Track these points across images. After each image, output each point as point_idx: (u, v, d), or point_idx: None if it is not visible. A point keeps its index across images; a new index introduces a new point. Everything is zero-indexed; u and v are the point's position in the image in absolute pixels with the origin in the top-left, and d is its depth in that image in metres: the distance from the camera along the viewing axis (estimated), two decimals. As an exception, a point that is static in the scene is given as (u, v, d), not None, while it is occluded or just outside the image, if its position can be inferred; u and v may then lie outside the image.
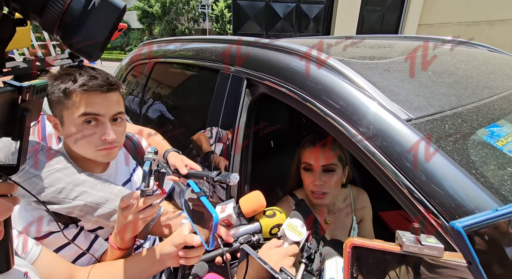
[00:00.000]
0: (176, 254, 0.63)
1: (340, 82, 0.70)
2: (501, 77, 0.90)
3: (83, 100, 0.68)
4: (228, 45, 1.14)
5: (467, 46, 1.36)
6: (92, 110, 0.69)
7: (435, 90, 0.72)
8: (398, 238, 0.34)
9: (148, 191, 0.62)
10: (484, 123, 0.63)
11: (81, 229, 0.74)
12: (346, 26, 5.69)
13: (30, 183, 0.66)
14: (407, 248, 0.32)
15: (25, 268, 0.51)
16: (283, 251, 0.69)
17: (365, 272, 0.34)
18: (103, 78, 0.70)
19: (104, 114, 0.70)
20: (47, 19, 0.35)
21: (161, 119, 1.62)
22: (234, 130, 0.99)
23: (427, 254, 0.32)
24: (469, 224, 0.27)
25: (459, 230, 0.27)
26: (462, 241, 0.27)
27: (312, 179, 0.95)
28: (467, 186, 0.48)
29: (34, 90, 0.37)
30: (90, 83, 0.67)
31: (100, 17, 0.36)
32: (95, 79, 0.68)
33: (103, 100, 0.70)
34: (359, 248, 0.34)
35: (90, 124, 0.69)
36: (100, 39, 0.37)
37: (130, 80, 2.04)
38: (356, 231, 1.08)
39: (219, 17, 22.98)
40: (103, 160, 0.75)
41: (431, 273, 0.35)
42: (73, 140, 0.70)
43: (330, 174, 0.94)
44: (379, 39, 1.61)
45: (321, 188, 0.93)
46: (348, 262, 0.34)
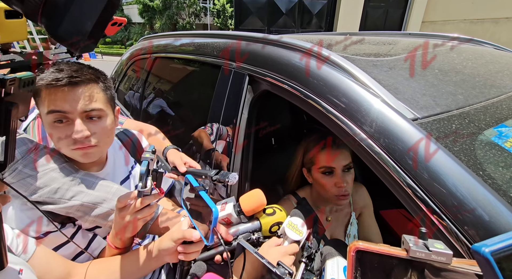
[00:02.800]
0: (174, 249, 0.63)
1: (344, 80, 0.68)
2: (509, 76, 0.88)
3: (47, 97, 0.63)
4: (230, 40, 1.12)
5: (473, 44, 1.34)
6: (55, 107, 0.64)
7: (441, 89, 0.70)
8: (404, 242, 0.32)
9: (146, 191, 0.60)
10: (492, 124, 0.61)
11: (78, 228, 0.73)
12: (349, 22, 5.64)
13: (24, 183, 0.64)
14: (414, 254, 0.31)
15: (20, 266, 0.50)
16: (283, 249, 0.69)
17: (369, 276, 0.33)
18: (68, 72, 0.64)
19: (70, 111, 0.65)
20: (28, 5, 0.33)
21: (161, 115, 1.61)
22: (235, 127, 0.97)
23: (435, 260, 0.30)
24: (498, 249, 0.23)
25: (487, 257, 0.23)
26: (490, 269, 0.23)
27: (334, 182, 0.91)
28: (469, 184, 0.47)
29: (20, 83, 0.35)
30: (49, 78, 0.62)
31: (86, 5, 0.34)
32: (58, 73, 0.62)
33: (67, 96, 0.64)
34: (363, 252, 0.33)
35: (60, 123, 0.65)
36: (86, 28, 0.35)
37: (131, 75, 2.02)
38: (355, 226, 1.08)
39: (221, 12, 22.78)
40: (82, 160, 0.70)
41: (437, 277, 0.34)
42: (51, 139, 0.68)
43: (349, 172, 0.92)
44: (383, 36, 1.58)
45: (347, 188, 0.91)
46: (351, 266, 0.33)
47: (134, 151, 0.95)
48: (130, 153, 0.93)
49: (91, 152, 0.70)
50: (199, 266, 0.64)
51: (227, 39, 1.14)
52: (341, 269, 0.63)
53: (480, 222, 0.45)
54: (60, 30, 0.34)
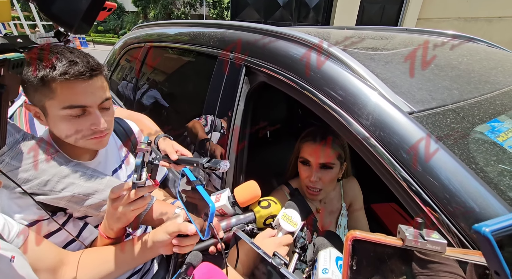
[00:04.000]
0: (169, 242, 0.62)
1: (342, 72, 0.68)
2: (502, 72, 0.90)
3: (65, 91, 0.61)
4: (227, 30, 1.10)
5: (467, 41, 1.35)
6: (77, 102, 0.63)
7: (437, 84, 0.71)
8: (400, 232, 0.33)
9: (140, 183, 0.59)
10: (486, 118, 0.62)
11: (69, 217, 0.72)
12: (346, 17, 5.62)
13: (12, 175, 0.61)
14: (410, 243, 0.31)
15: (11, 252, 0.49)
16: (277, 240, 0.69)
17: (365, 264, 0.34)
18: (84, 63, 0.62)
19: (91, 104, 0.65)
20: None
21: (155, 106, 1.58)
22: (231, 119, 0.96)
23: (429, 249, 0.31)
24: (499, 228, 0.23)
25: (487, 236, 0.23)
26: (490, 249, 0.23)
27: (308, 174, 0.95)
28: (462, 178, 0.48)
29: (9, 65, 0.34)
30: (71, 70, 0.60)
31: None
32: (75, 65, 0.60)
33: (87, 89, 0.63)
34: (359, 241, 0.33)
35: (77, 117, 0.64)
36: (81, 6, 0.33)
37: (124, 65, 1.97)
38: (346, 217, 1.10)
39: (217, 2, 22.37)
40: (95, 147, 0.72)
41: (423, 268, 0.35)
42: (60, 131, 0.66)
43: (326, 170, 0.94)
44: (380, 31, 1.58)
45: (316, 184, 0.94)
46: (348, 255, 0.33)
47: (125, 136, 0.93)
48: (122, 141, 0.92)
49: (105, 139, 0.72)
50: (195, 255, 0.64)
51: (224, 29, 1.12)
52: (333, 259, 0.64)
53: (471, 213, 0.46)
54: (54, 8, 0.32)
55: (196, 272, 0.56)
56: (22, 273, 0.50)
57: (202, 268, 0.57)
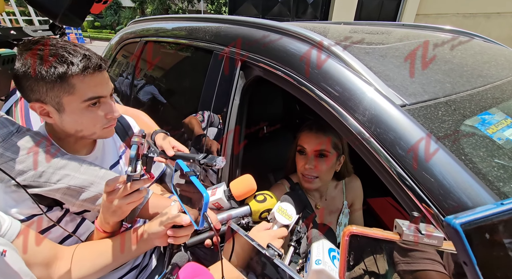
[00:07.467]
0: (164, 233, 0.63)
1: (338, 67, 0.68)
2: (495, 67, 0.90)
3: (85, 85, 0.64)
4: (223, 25, 1.09)
5: (463, 36, 1.35)
6: (98, 93, 0.67)
7: (430, 77, 0.71)
8: (397, 226, 0.33)
9: (135, 176, 0.59)
10: (477, 111, 0.63)
11: (66, 212, 0.72)
12: (344, 13, 5.59)
13: (7, 166, 0.61)
14: (407, 237, 0.31)
15: (3, 246, 0.49)
16: (272, 233, 0.70)
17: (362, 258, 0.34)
18: (94, 56, 0.66)
19: (106, 94, 0.69)
20: None
21: (152, 102, 1.57)
22: (227, 114, 0.97)
23: (426, 243, 0.31)
24: (468, 221, 0.24)
25: (456, 227, 0.24)
26: (458, 240, 0.24)
27: (304, 162, 0.97)
28: (455, 173, 0.48)
29: (0, 60, 0.33)
30: (90, 65, 0.63)
31: None
32: (90, 59, 0.64)
33: (103, 80, 0.68)
34: (356, 236, 0.33)
35: (95, 106, 0.68)
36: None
37: (120, 60, 1.96)
38: (347, 216, 1.11)
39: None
40: (108, 136, 0.76)
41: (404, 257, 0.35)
42: (77, 124, 0.68)
43: (321, 159, 0.95)
44: (377, 26, 1.58)
45: (311, 171, 0.95)
46: (345, 250, 0.33)
47: (124, 135, 0.93)
48: (120, 137, 0.92)
49: (114, 127, 0.76)
50: (181, 256, 0.64)
51: (220, 23, 1.11)
52: (326, 250, 0.65)
53: (464, 208, 0.46)
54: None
55: (181, 272, 0.57)
56: (14, 267, 0.49)
57: (187, 268, 0.58)
